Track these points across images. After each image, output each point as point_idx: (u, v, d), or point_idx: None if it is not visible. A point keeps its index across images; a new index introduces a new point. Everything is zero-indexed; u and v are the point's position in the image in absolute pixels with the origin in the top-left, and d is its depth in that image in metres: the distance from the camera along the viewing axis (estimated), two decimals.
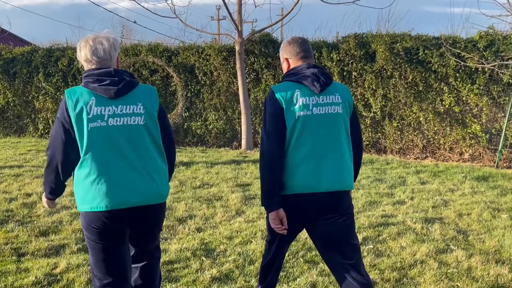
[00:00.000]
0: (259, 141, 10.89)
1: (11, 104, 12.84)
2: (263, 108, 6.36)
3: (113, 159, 2.51)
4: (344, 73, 10.25)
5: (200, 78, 11.29)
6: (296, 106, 2.69)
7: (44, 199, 2.84)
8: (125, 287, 2.63)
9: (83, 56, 2.61)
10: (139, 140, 2.57)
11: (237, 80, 10.81)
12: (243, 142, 10.65)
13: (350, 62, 10.20)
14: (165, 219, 5.39)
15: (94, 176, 2.49)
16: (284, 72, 2.92)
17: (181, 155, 9.85)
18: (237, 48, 10.46)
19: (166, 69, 11.33)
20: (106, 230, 2.54)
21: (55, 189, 2.70)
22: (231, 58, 11.04)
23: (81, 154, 2.50)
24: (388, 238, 4.83)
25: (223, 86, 11.17)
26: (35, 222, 5.27)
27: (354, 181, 2.91)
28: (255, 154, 10.02)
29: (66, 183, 2.72)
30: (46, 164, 2.65)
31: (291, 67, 2.87)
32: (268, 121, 2.73)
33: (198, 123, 11.44)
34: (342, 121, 2.78)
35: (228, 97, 11.21)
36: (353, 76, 10.21)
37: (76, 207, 5.68)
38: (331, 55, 10.28)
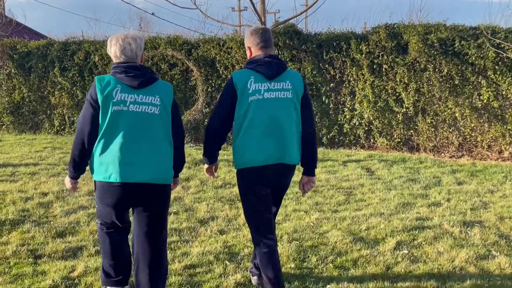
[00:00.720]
0: None
1: (26, 99, 13.02)
2: None
3: (128, 140, 3.06)
4: (374, 66, 10.11)
5: (221, 72, 11.28)
6: (250, 91, 3.28)
7: (67, 180, 3.36)
8: (121, 229, 3.34)
9: (113, 52, 3.17)
10: (152, 127, 3.12)
11: None
12: None
13: (380, 54, 10.05)
14: (186, 220, 5.39)
15: (109, 151, 3.06)
16: (249, 58, 3.47)
17: (201, 153, 9.81)
18: None
19: (186, 63, 11.34)
20: (113, 197, 3.15)
21: (78, 163, 3.21)
22: None
23: (100, 132, 3.07)
24: (424, 243, 4.73)
25: None
26: (51, 222, 5.32)
27: (314, 162, 3.56)
28: None
29: (84, 172, 3.29)
30: (73, 140, 3.17)
31: (253, 55, 3.44)
32: (220, 103, 3.37)
33: None
34: (292, 105, 3.34)
35: None
36: (383, 69, 10.06)
37: (93, 208, 5.72)
38: (360, 47, 10.14)
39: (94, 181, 3.21)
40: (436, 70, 9.61)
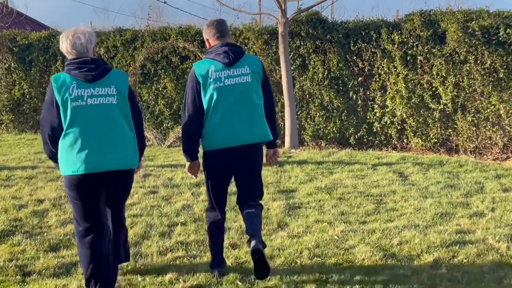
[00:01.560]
0: (305, 137, 10.60)
1: (27, 96, 13.01)
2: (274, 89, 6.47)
3: (91, 132, 3.44)
4: (408, 58, 9.79)
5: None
6: (211, 80, 3.79)
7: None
8: (100, 229, 3.59)
9: (65, 48, 3.53)
10: (112, 117, 3.52)
11: (280, 67, 10.53)
12: (287, 139, 10.37)
13: (414, 44, 9.74)
14: (194, 232, 5.19)
15: (75, 146, 3.42)
16: (208, 49, 3.98)
17: None
18: (280, 29, 10.17)
19: (199, 55, 11.18)
20: (84, 189, 3.49)
21: (52, 156, 3.64)
22: (273, 41, 10.77)
23: (64, 128, 3.43)
24: (465, 261, 4.44)
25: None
26: (45, 234, 5.17)
27: (275, 137, 4.13)
28: (301, 154, 9.71)
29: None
30: (44, 142, 3.61)
31: (211, 45, 3.97)
32: (188, 93, 3.88)
33: None
34: (253, 88, 3.87)
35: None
36: (418, 61, 9.74)
37: None
38: (392, 37, 9.84)
39: (64, 176, 3.53)
40: (478, 62, 9.25)
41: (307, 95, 10.69)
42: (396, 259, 4.49)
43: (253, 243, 3.74)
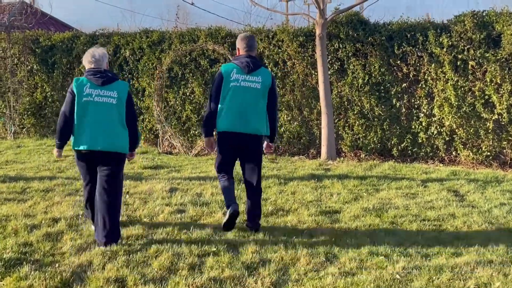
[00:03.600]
0: (343, 147, 9.79)
1: (49, 99, 12.44)
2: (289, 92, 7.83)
3: (93, 121, 4.80)
4: (458, 63, 8.91)
5: (270, 69, 10.32)
6: (232, 79, 5.07)
7: (55, 151, 5.25)
8: (93, 183, 5.05)
9: (86, 61, 4.97)
10: (110, 113, 4.85)
11: (316, 72, 9.75)
12: (323, 149, 9.56)
13: (465, 48, 8.86)
14: (228, 265, 4.42)
15: (81, 129, 4.82)
16: (236, 55, 5.28)
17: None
18: (317, 31, 9.39)
19: (229, 58, 10.44)
20: (85, 160, 4.96)
21: (61, 135, 5.00)
22: (309, 44, 10.00)
23: (75, 116, 4.82)
24: None
25: (299, 79, 10.13)
26: (57, 264, 4.45)
27: (273, 134, 5.33)
28: (340, 167, 8.90)
29: (66, 143, 5.09)
30: (58, 119, 4.97)
31: (240, 54, 5.22)
32: (214, 85, 5.18)
33: None
34: (261, 94, 5.12)
35: (305, 92, 10.16)
36: (469, 66, 8.86)
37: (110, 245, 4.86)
38: (441, 39, 8.98)
39: (73, 149, 4.96)
40: None
41: (346, 102, 9.87)
42: None
43: (231, 210, 5.12)
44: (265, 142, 5.41)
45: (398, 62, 9.38)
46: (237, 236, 5.20)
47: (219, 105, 5.14)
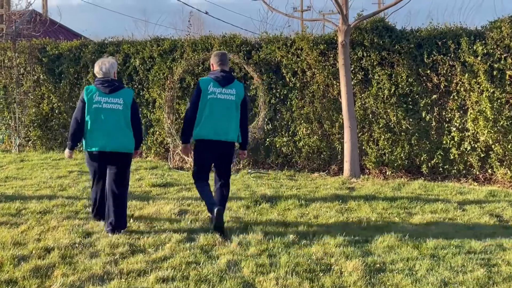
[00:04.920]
0: (367, 164, 9.07)
1: (56, 111, 11.84)
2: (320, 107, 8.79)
3: (102, 125, 5.47)
4: (494, 72, 8.13)
5: (288, 79, 9.64)
6: (209, 91, 5.67)
7: (66, 151, 5.83)
8: (103, 183, 5.72)
9: (96, 71, 5.67)
10: (117, 118, 5.51)
11: (338, 82, 9.04)
12: (346, 166, 8.81)
13: (502, 56, 8.10)
14: None
15: (92, 133, 5.49)
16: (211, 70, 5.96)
17: (262, 184, 8.18)
18: (340, 38, 8.68)
19: (244, 68, 9.76)
20: (96, 160, 5.64)
21: (72, 138, 5.67)
22: (331, 52, 9.30)
23: (87, 121, 5.49)
24: None
25: (319, 90, 9.41)
26: None
27: (245, 142, 6.00)
28: (365, 185, 8.14)
29: (77, 145, 5.84)
30: (71, 122, 5.65)
31: (214, 69, 5.89)
32: (193, 97, 5.78)
33: (284, 139, 9.74)
34: (234, 105, 5.74)
35: (325, 104, 9.42)
36: (507, 77, 8.08)
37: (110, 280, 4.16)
38: (475, 47, 8.21)
39: (85, 151, 5.61)
40: None
41: (370, 115, 9.12)
42: None
43: (216, 209, 5.40)
44: (241, 151, 6.12)
45: (428, 71, 8.62)
46: (254, 272, 4.45)
47: (198, 116, 5.67)
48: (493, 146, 8.25)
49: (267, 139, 9.86)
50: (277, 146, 9.83)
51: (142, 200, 6.97)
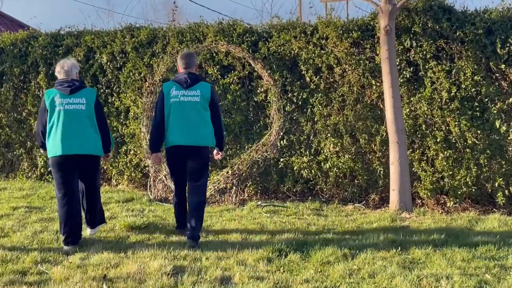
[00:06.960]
0: (420, 191, 8.18)
1: None
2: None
3: (66, 128, 6.13)
4: None
5: (308, 78, 8.83)
6: (171, 95, 6.38)
7: (41, 150, 6.78)
8: (73, 196, 6.28)
9: (57, 69, 6.44)
10: (81, 118, 6.22)
11: (378, 82, 8.31)
12: (393, 195, 7.90)
13: None
14: None
15: (55, 136, 6.15)
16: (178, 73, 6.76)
17: (281, 222, 7.21)
18: (382, 22, 7.87)
19: (250, 63, 8.83)
20: (61, 166, 6.20)
21: (42, 146, 6.46)
22: (367, 42, 8.56)
23: (48, 125, 6.20)
24: None
25: (351, 93, 8.55)
26: None
27: (220, 142, 6.65)
28: (425, 223, 7.17)
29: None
30: (35, 130, 7.12)
31: (180, 72, 6.63)
32: (157, 106, 6.53)
33: (304, 159, 8.83)
34: (200, 106, 6.39)
35: (361, 112, 8.55)
36: None
37: None
38: None
39: (49, 157, 6.26)
40: None
41: (423, 125, 8.23)
42: None
43: (189, 234, 6.30)
44: (215, 151, 6.78)
45: (502, 66, 7.78)
46: None
47: (165, 123, 6.42)
48: None
49: (281, 159, 8.93)
50: (294, 168, 8.91)
51: (117, 251, 5.94)
